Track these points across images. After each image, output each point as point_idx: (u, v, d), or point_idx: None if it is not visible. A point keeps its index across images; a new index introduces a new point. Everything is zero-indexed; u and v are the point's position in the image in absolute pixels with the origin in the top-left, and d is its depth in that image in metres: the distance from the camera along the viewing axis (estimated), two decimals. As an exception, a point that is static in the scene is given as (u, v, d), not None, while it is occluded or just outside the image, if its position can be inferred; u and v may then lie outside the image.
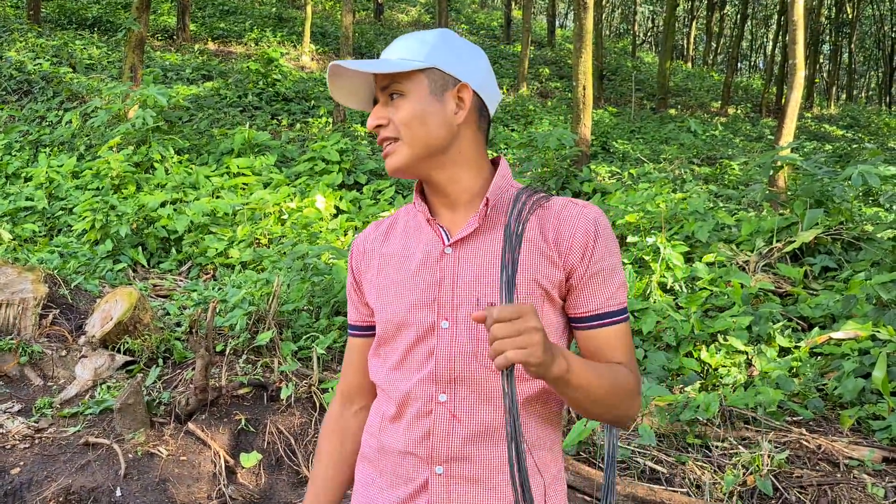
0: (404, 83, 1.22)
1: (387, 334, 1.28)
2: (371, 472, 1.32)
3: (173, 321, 4.58)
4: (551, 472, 1.27)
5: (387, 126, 1.23)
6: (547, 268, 1.21)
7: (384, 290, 1.29)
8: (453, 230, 1.27)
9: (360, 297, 1.38)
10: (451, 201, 1.28)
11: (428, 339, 1.23)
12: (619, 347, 1.23)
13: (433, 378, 1.22)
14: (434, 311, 1.23)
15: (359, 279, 1.37)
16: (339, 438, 1.42)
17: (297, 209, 7.03)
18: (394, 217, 1.38)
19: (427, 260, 1.25)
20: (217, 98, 12.64)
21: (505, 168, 1.30)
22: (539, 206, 1.22)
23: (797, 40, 8.93)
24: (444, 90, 1.24)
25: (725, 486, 3.13)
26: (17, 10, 17.47)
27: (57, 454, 3.19)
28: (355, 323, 1.40)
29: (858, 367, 3.93)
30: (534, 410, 1.24)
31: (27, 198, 7.67)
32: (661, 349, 4.49)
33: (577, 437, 3.36)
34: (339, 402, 1.44)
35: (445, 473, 1.22)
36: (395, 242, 1.32)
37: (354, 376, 1.41)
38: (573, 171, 9.39)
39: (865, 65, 41.58)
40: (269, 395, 3.66)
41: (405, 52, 1.24)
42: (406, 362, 1.26)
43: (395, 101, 1.23)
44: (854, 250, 5.64)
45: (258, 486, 3.22)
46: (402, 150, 1.22)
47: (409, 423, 1.25)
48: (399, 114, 1.22)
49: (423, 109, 1.21)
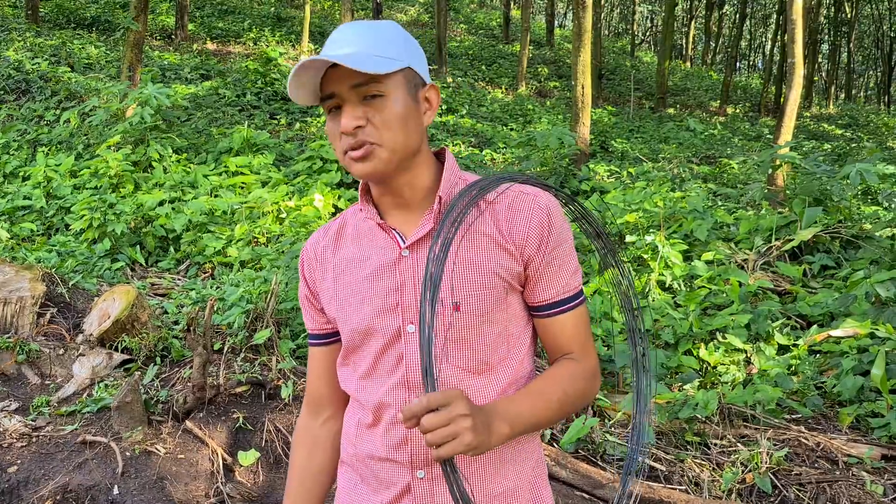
0: (385, 83, 1.14)
1: (353, 343, 1.26)
2: (353, 476, 1.32)
3: (171, 320, 4.57)
4: (535, 458, 1.29)
5: (364, 128, 1.14)
6: (506, 260, 1.20)
7: (344, 299, 1.26)
8: (407, 231, 1.23)
9: (315, 305, 1.34)
10: (406, 201, 1.23)
11: (395, 345, 1.21)
12: (577, 333, 1.26)
13: (405, 383, 1.21)
14: (398, 315, 1.21)
15: (313, 288, 1.33)
16: (309, 450, 1.39)
17: (295, 208, 7.02)
18: (341, 220, 1.32)
19: (384, 265, 1.22)
20: (215, 97, 12.63)
21: (451, 160, 1.26)
22: (485, 203, 1.21)
23: (796, 39, 8.92)
24: (416, 90, 1.19)
25: (724, 484, 3.12)
26: (15, 9, 17.46)
27: (54, 452, 3.18)
28: (313, 332, 1.37)
29: (857, 365, 3.93)
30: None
31: (25, 197, 7.65)
32: (660, 347, 4.49)
33: (576, 434, 3.36)
34: (307, 412, 1.41)
35: (427, 477, 1.22)
36: (347, 248, 1.28)
37: (319, 386, 1.38)
38: (572, 170, 9.39)
39: (864, 64, 41.61)
40: (267, 393, 3.65)
41: (378, 49, 1.15)
42: (376, 369, 1.24)
43: (372, 102, 1.14)
44: (853, 248, 5.64)
45: (256, 484, 3.22)
46: (382, 154, 1.15)
47: (385, 430, 1.23)
48: (380, 116, 1.14)
49: (404, 112, 1.16)
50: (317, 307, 1.34)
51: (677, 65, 30.92)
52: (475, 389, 1.20)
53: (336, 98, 1.16)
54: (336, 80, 1.15)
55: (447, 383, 1.19)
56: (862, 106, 30.89)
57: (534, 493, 1.28)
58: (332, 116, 1.18)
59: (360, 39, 1.15)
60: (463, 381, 1.20)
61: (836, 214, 5.99)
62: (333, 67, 1.14)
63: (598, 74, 19.27)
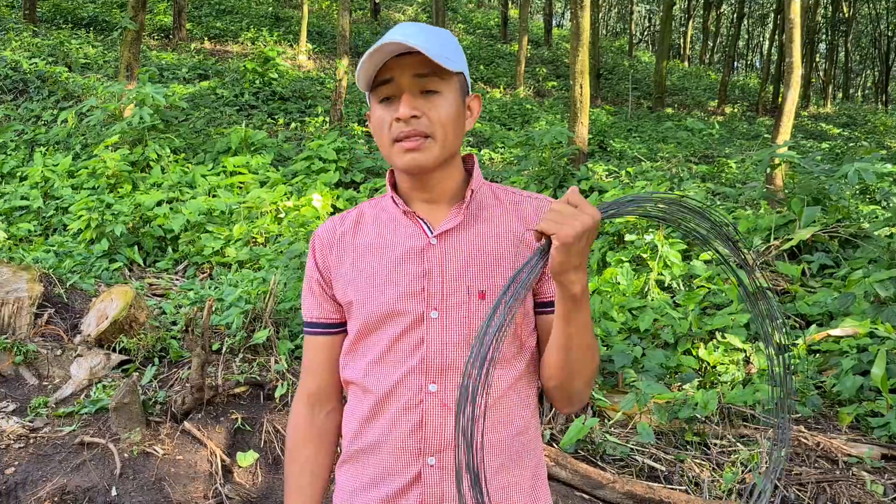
0: (446, 81, 1.20)
1: (368, 328, 1.26)
2: (355, 473, 1.30)
3: (169, 320, 4.55)
4: (537, 457, 1.31)
5: (420, 119, 1.18)
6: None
7: (364, 282, 1.26)
8: (434, 223, 1.27)
9: (325, 292, 1.33)
10: (434, 197, 1.28)
11: (416, 330, 1.23)
12: None
13: (423, 368, 1.22)
14: (423, 301, 1.23)
15: (326, 274, 1.32)
16: (316, 444, 1.37)
17: (293, 208, 7.01)
18: (358, 211, 1.35)
19: (411, 251, 1.25)
20: (213, 97, 12.61)
21: (477, 165, 1.33)
22: (511, 204, 1.31)
23: (794, 39, 8.92)
24: (464, 96, 1.26)
25: (724, 484, 3.12)
26: (12, 9, 17.42)
27: (52, 454, 3.17)
28: (317, 320, 1.34)
29: (857, 365, 3.92)
30: (515, 396, 1.26)
31: (22, 197, 7.63)
32: (660, 347, 4.48)
33: (577, 434, 3.35)
34: (308, 405, 1.38)
35: (437, 464, 1.22)
36: (367, 235, 1.30)
37: (323, 376, 1.36)
38: (570, 170, 9.38)
39: (862, 63, 41.67)
40: (265, 393, 3.64)
41: (442, 49, 1.18)
42: (390, 354, 1.24)
43: (430, 98, 1.19)
44: (851, 248, 5.63)
45: (255, 485, 3.21)
46: (434, 149, 1.20)
47: (395, 417, 1.23)
48: (437, 112, 1.19)
49: (457, 113, 1.22)
50: (327, 294, 1.33)
51: (675, 64, 30.93)
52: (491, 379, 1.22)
53: (392, 84, 1.19)
54: (399, 68, 1.18)
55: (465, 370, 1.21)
56: (859, 105, 30.93)
57: (533, 494, 1.29)
58: (383, 105, 1.21)
59: (427, 36, 1.18)
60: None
61: (834, 214, 5.99)
62: (398, 56, 1.17)
63: (596, 74, 19.27)
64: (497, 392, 1.23)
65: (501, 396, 1.24)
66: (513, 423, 1.26)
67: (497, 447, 1.24)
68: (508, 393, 1.25)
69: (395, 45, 1.15)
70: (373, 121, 1.25)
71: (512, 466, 1.26)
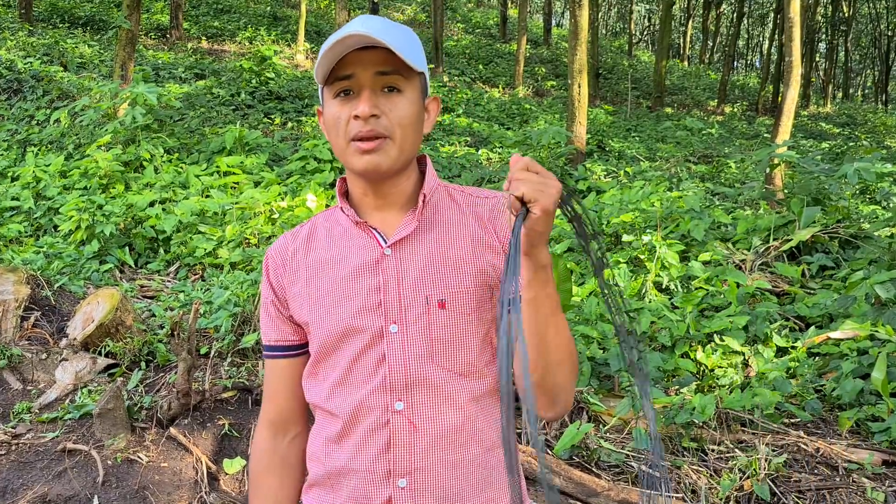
0: (409, 80, 1.14)
1: (326, 349, 1.19)
2: (323, 499, 1.23)
3: (158, 323, 4.48)
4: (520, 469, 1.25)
5: (379, 119, 1.11)
6: (494, 258, 1.20)
7: (318, 301, 1.20)
8: (387, 231, 1.20)
9: (282, 313, 1.27)
10: (388, 203, 1.21)
11: (377, 346, 1.16)
12: None
13: (386, 386, 1.15)
14: (380, 315, 1.16)
15: (281, 294, 1.26)
16: (279, 473, 1.30)
17: (287, 208, 6.93)
18: (311, 225, 1.28)
19: (365, 264, 1.18)
20: (209, 96, 12.53)
21: (431, 166, 1.27)
22: (467, 206, 1.24)
23: (794, 38, 8.86)
24: (424, 98, 1.19)
25: (722, 491, 3.05)
26: (8, 8, 17.34)
27: (33, 461, 3.10)
28: (276, 343, 1.28)
29: (857, 368, 3.86)
30: (487, 409, 1.20)
31: (13, 197, 7.55)
32: (657, 350, 4.41)
33: (570, 440, 3.28)
34: (270, 432, 1.31)
35: (409, 486, 1.15)
36: (320, 251, 1.23)
37: (285, 402, 1.29)
38: (568, 169, 9.31)
39: (861, 63, 41.63)
40: (253, 398, 3.56)
41: (408, 46, 1.12)
42: (352, 374, 1.17)
43: (391, 96, 1.12)
44: (852, 248, 5.57)
45: (241, 493, 3.13)
46: (392, 151, 1.13)
47: (361, 440, 1.16)
48: (398, 112, 1.12)
49: (418, 114, 1.16)
50: (284, 315, 1.27)
51: (675, 64, 30.87)
52: (460, 391, 1.16)
53: (352, 80, 1.12)
54: (361, 63, 1.11)
55: (431, 383, 1.15)
56: (859, 105, 30.88)
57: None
58: (339, 100, 1.14)
59: (393, 32, 1.11)
60: (448, 382, 1.16)
61: (834, 214, 5.92)
62: (359, 50, 1.10)
63: (595, 74, 19.22)
64: (468, 403, 1.17)
65: (471, 411, 1.17)
66: (484, 440, 1.19)
67: (470, 465, 1.17)
68: (478, 406, 1.18)
69: (359, 38, 1.07)
70: (326, 117, 1.17)
71: (486, 487, 1.19)
